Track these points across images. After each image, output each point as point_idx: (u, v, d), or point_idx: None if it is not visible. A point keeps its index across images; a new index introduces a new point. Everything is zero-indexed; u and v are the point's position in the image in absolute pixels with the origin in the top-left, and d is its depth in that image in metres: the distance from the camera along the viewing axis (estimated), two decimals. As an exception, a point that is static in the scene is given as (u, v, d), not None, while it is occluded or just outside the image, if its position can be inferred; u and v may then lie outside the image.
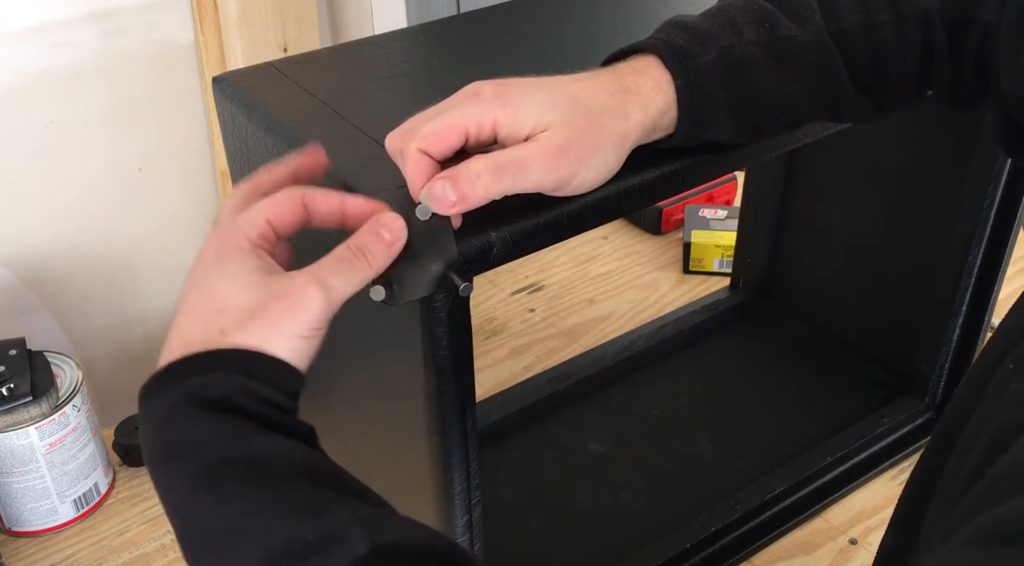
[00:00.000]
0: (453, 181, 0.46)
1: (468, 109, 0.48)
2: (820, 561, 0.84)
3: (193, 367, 0.43)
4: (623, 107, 0.51)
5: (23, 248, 0.97)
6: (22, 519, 0.86)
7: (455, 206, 0.47)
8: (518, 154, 0.48)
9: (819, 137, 0.63)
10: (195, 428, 0.41)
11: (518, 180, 0.48)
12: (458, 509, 0.60)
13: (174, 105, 1.00)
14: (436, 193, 0.47)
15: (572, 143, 0.48)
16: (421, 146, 0.48)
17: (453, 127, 0.48)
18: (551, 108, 0.48)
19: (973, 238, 0.84)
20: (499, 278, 1.20)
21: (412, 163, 0.48)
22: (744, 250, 1.09)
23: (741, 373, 1.02)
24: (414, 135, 0.48)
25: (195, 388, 0.42)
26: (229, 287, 0.44)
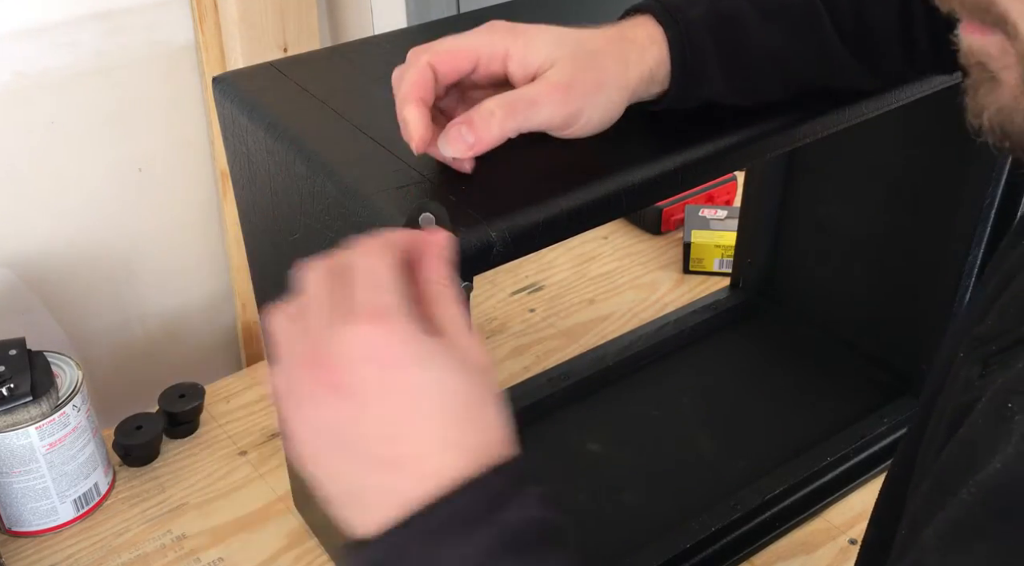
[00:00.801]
0: (468, 123, 0.49)
1: (483, 37, 0.51)
2: (820, 561, 0.84)
3: (487, 496, 0.37)
4: (622, 53, 0.53)
5: (23, 248, 0.97)
6: (22, 519, 0.86)
7: (473, 147, 0.49)
8: (529, 91, 0.50)
9: (819, 137, 0.63)
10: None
11: (530, 115, 0.50)
12: (458, 509, 0.60)
13: (174, 105, 1.00)
14: (453, 135, 0.49)
15: (578, 79, 0.51)
16: (432, 59, 0.50)
17: (466, 49, 0.51)
18: (557, 46, 0.51)
19: (973, 238, 0.84)
20: (499, 278, 1.20)
21: (416, 70, 0.50)
22: (744, 250, 1.09)
23: (741, 373, 1.02)
24: (426, 48, 0.50)
25: (504, 527, 0.36)
26: (456, 380, 0.38)
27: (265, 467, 0.94)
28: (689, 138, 0.58)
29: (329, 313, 0.39)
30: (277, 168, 0.60)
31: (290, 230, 0.61)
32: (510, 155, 0.53)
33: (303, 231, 0.59)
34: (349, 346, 0.37)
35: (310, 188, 0.56)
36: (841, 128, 0.64)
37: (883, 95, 0.65)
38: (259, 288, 0.74)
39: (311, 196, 0.56)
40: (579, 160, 0.56)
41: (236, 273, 1.10)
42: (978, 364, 0.43)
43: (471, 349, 0.39)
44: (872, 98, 0.64)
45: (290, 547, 0.86)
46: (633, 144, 0.58)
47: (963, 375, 0.44)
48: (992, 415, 0.38)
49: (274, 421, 0.98)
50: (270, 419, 0.99)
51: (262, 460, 0.95)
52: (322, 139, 0.57)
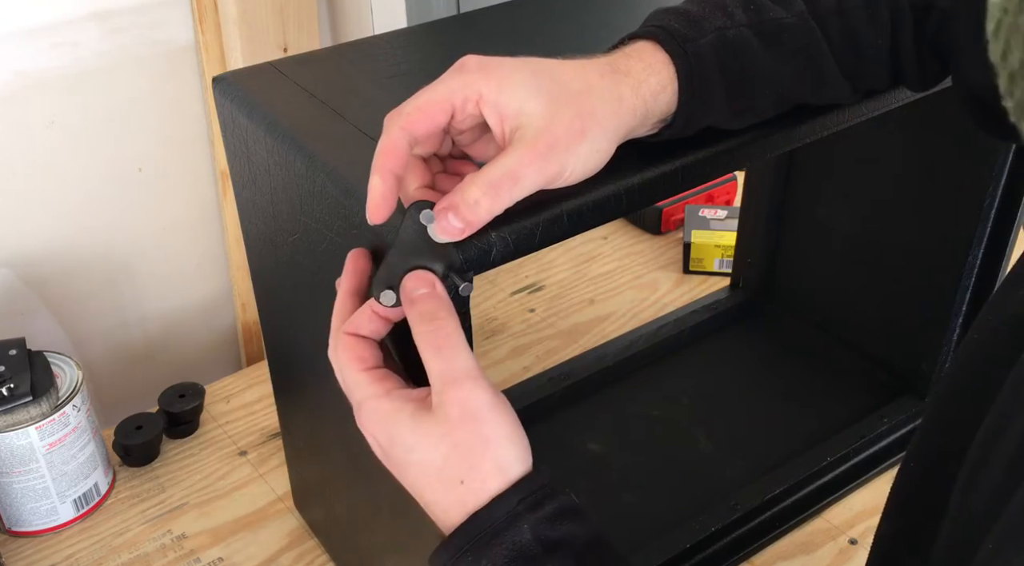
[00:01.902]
0: (455, 211, 0.47)
1: (453, 82, 0.48)
2: (820, 561, 0.84)
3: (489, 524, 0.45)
4: (615, 88, 0.49)
5: (23, 248, 0.97)
6: (22, 519, 0.86)
7: (464, 232, 0.47)
8: (507, 165, 0.46)
9: (819, 137, 0.63)
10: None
11: (514, 192, 0.47)
12: (458, 509, 0.60)
13: (174, 105, 1.00)
14: (443, 225, 0.47)
15: (558, 135, 0.47)
16: (404, 124, 0.47)
17: (438, 102, 0.47)
18: (535, 92, 0.47)
19: (973, 238, 0.84)
20: (499, 278, 1.20)
21: (387, 139, 0.47)
22: (744, 250, 1.09)
23: (741, 373, 1.02)
24: (397, 113, 0.48)
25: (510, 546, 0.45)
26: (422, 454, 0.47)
27: (265, 467, 0.94)
28: (689, 138, 0.58)
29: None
30: (277, 168, 0.60)
31: (290, 230, 0.61)
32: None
33: (303, 231, 0.59)
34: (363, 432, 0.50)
35: (310, 188, 0.56)
36: (841, 128, 0.64)
37: (883, 96, 0.65)
38: (259, 288, 0.74)
39: (311, 196, 0.56)
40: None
41: (236, 273, 1.10)
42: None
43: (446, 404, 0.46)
44: (872, 98, 0.64)
45: (290, 547, 0.86)
46: (633, 144, 0.58)
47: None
48: None
49: (274, 421, 0.98)
50: (270, 419, 0.99)
51: (262, 460, 0.95)
52: (322, 139, 0.57)
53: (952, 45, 0.57)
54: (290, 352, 0.73)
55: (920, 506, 0.56)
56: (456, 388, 0.46)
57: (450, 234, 0.47)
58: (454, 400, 0.46)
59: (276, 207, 0.62)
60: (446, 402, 0.46)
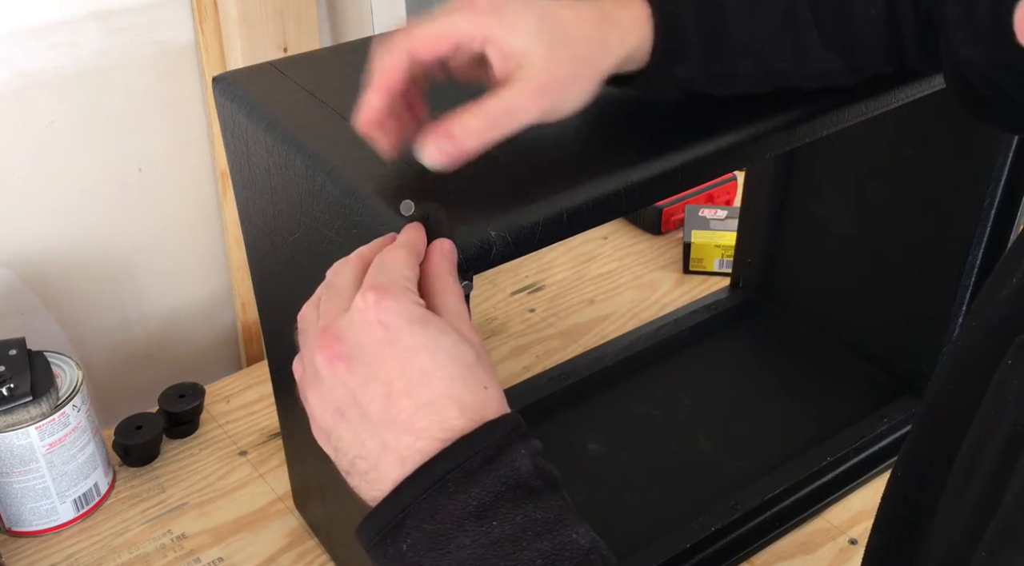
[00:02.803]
0: (448, 136, 0.48)
1: (463, 19, 0.49)
2: (820, 561, 0.84)
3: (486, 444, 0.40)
4: (604, 38, 0.53)
5: (23, 248, 0.97)
6: (22, 519, 0.86)
7: (451, 159, 0.49)
8: (507, 101, 0.49)
9: (819, 137, 0.63)
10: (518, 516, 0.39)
11: (510, 125, 0.49)
12: (458, 509, 0.60)
13: (174, 105, 1.00)
14: (432, 146, 0.48)
15: (554, 77, 0.50)
16: (410, 47, 0.49)
17: (447, 34, 0.49)
18: (537, 37, 0.49)
19: (973, 238, 0.84)
20: (499, 278, 1.20)
21: (391, 58, 0.49)
22: (744, 250, 1.09)
23: (741, 373, 1.02)
24: (405, 34, 0.49)
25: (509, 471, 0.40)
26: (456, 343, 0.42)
27: (265, 467, 0.94)
28: (689, 138, 0.58)
29: (344, 296, 0.43)
30: (277, 168, 0.60)
31: (290, 230, 0.61)
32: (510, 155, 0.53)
33: (303, 231, 0.59)
34: (355, 314, 0.42)
35: (310, 188, 0.56)
36: (841, 128, 0.64)
37: (883, 95, 0.65)
38: (259, 288, 0.74)
39: (311, 196, 0.56)
40: (579, 160, 0.56)
41: (236, 273, 1.10)
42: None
43: (465, 328, 0.43)
44: (872, 98, 0.64)
45: (290, 547, 0.86)
46: (633, 144, 0.58)
47: (1016, 384, 0.43)
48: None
49: (274, 421, 0.98)
50: (270, 419, 0.99)
51: (262, 460, 0.95)
52: (322, 139, 0.57)
53: (943, 21, 0.57)
54: (290, 352, 0.73)
55: (910, 517, 0.56)
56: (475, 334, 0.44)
57: (440, 159, 0.48)
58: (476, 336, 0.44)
59: (276, 207, 0.62)
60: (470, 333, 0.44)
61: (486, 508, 0.39)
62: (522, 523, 0.39)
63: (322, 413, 0.44)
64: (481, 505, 0.39)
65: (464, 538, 0.38)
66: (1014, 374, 0.43)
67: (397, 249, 0.45)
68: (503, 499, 0.39)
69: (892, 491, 0.58)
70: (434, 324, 0.42)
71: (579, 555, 0.40)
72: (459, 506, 0.39)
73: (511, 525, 0.39)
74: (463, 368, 0.41)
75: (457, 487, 0.39)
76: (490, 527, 0.38)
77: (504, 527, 0.38)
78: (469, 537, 0.38)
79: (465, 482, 0.39)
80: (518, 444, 0.41)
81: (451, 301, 0.44)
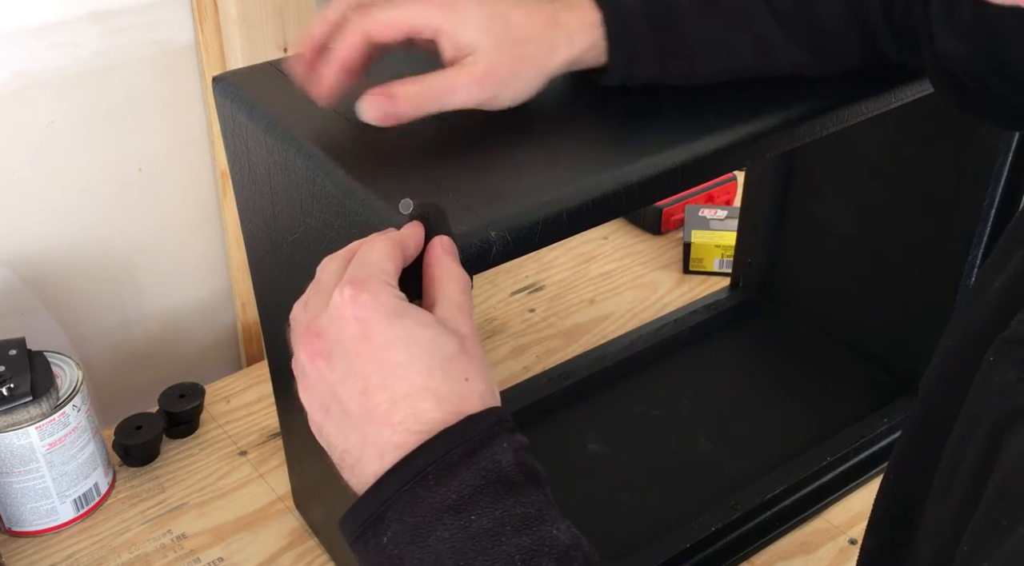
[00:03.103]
0: (389, 97, 0.53)
1: (420, 9, 0.54)
2: (820, 561, 0.84)
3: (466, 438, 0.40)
4: (551, 40, 0.56)
5: (23, 248, 0.97)
6: (22, 519, 0.86)
7: (387, 119, 0.54)
8: (448, 79, 0.54)
9: (819, 137, 0.63)
10: (497, 510, 0.39)
11: (446, 101, 0.54)
12: (458, 509, 0.60)
13: (174, 105, 1.00)
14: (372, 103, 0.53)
15: (496, 70, 0.54)
16: (369, 29, 0.53)
17: (403, 23, 0.54)
18: (486, 31, 0.54)
19: (973, 238, 0.84)
20: (499, 278, 1.20)
21: (352, 42, 0.54)
22: (744, 250, 1.09)
23: (741, 373, 1.02)
24: (364, 14, 0.53)
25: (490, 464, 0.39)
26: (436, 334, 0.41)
27: (265, 467, 0.94)
28: (688, 137, 0.58)
29: (327, 292, 0.43)
30: (277, 168, 0.60)
31: (290, 230, 0.61)
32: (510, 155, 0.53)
33: (303, 231, 0.59)
34: (334, 310, 0.42)
35: (310, 188, 0.56)
36: (841, 128, 0.64)
37: (883, 95, 0.65)
38: (259, 288, 0.74)
39: (311, 196, 0.56)
40: (579, 160, 0.56)
41: (236, 273, 1.10)
42: (1014, 368, 0.43)
43: (457, 319, 0.43)
44: (872, 98, 0.64)
45: (290, 547, 0.86)
46: (633, 143, 0.58)
47: (997, 380, 0.43)
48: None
49: (274, 421, 0.98)
50: (270, 419, 0.99)
51: (262, 460, 0.95)
52: (322, 139, 0.57)
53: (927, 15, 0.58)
54: (290, 352, 0.73)
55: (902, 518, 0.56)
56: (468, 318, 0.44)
57: (373, 115, 0.54)
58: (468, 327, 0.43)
59: (276, 207, 0.62)
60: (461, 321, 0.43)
61: (465, 502, 0.38)
62: (501, 518, 0.38)
63: (311, 410, 0.44)
64: (460, 498, 0.38)
65: (443, 531, 0.38)
66: (995, 371, 0.44)
67: (378, 241, 0.44)
68: (483, 493, 0.39)
69: (884, 493, 0.58)
70: (411, 316, 0.41)
71: (558, 552, 0.39)
72: (439, 499, 0.39)
73: (490, 519, 0.38)
74: (442, 360, 0.41)
75: (437, 480, 0.39)
76: (468, 521, 0.38)
77: (483, 521, 0.38)
78: (448, 530, 0.38)
79: (445, 475, 0.39)
80: (500, 438, 0.40)
81: (450, 290, 0.44)
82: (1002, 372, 0.43)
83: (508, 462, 0.40)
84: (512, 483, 0.39)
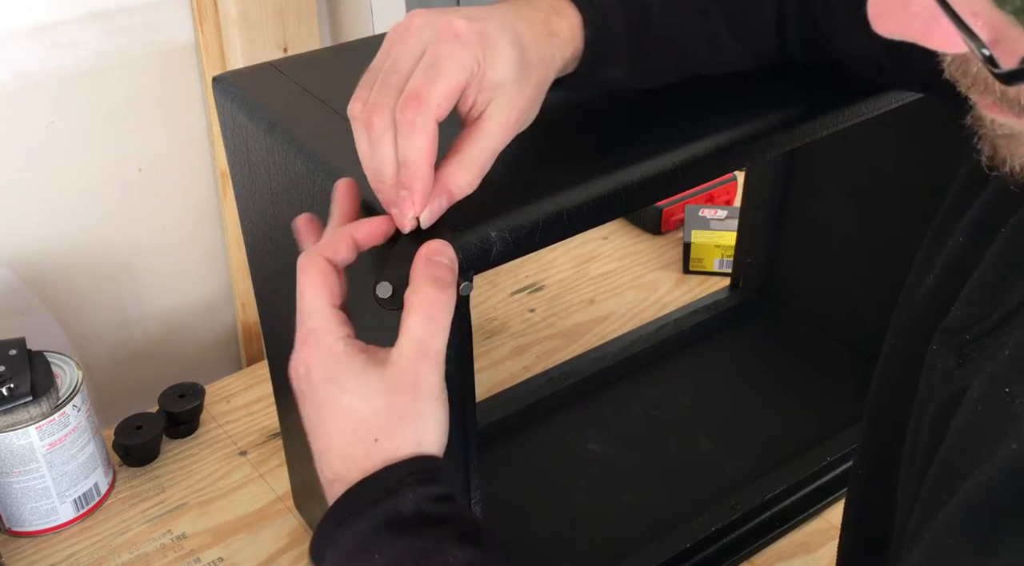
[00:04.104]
0: (448, 196, 0.48)
1: (463, 59, 0.47)
2: (820, 561, 0.84)
3: (378, 487, 0.45)
4: (551, 53, 0.53)
5: (23, 248, 0.97)
6: (22, 519, 0.86)
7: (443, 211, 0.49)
8: (488, 144, 0.49)
9: (819, 137, 0.63)
10: (397, 548, 0.43)
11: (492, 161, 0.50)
12: (458, 509, 0.60)
13: (174, 105, 1.00)
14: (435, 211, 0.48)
15: (524, 108, 0.50)
16: (438, 114, 0.46)
17: (459, 87, 0.47)
18: (513, 67, 0.49)
19: (973, 238, 0.84)
20: (499, 278, 1.20)
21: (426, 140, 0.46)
22: (744, 250, 1.09)
23: (741, 373, 1.02)
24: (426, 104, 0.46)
25: (391, 511, 0.44)
26: (354, 399, 0.46)
27: (265, 467, 0.94)
28: (688, 137, 0.58)
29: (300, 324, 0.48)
30: (277, 168, 0.60)
31: (290, 230, 0.61)
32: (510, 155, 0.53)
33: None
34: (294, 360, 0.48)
35: (310, 188, 0.56)
36: (841, 128, 0.64)
37: (883, 95, 0.65)
38: (259, 288, 0.74)
39: (311, 196, 0.56)
40: (579, 160, 0.56)
41: (236, 273, 1.10)
42: (953, 355, 0.46)
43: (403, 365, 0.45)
44: (872, 98, 0.64)
45: (290, 547, 0.86)
46: (633, 143, 0.58)
47: (940, 367, 0.46)
48: (992, 402, 0.40)
49: (274, 421, 0.98)
50: (270, 419, 0.99)
51: (262, 460, 0.95)
52: (322, 139, 0.57)
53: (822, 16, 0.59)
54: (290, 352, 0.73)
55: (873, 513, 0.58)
56: (423, 360, 0.45)
57: (437, 216, 0.49)
58: (414, 369, 0.45)
59: (276, 207, 0.62)
60: (405, 367, 0.45)
61: (368, 542, 0.44)
62: (401, 554, 0.43)
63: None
64: (364, 539, 0.44)
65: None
66: (939, 358, 0.47)
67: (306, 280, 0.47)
68: (382, 534, 0.44)
69: (850, 492, 0.62)
70: (337, 381, 0.46)
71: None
72: (351, 538, 0.44)
73: (391, 556, 0.43)
74: (356, 423, 0.45)
75: (352, 522, 0.45)
76: (373, 559, 0.44)
77: (385, 558, 0.43)
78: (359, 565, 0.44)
79: (356, 518, 0.45)
80: (407, 489, 0.45)
81: (412, 326, 0.45)
82: (943, 359, 0.46)
83: (409, 510, 0.44)
84: (408, 526, 0.44)
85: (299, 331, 0.48)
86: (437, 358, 0.46)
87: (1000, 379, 0.41)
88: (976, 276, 0.48)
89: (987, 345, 0.44)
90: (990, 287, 0.46)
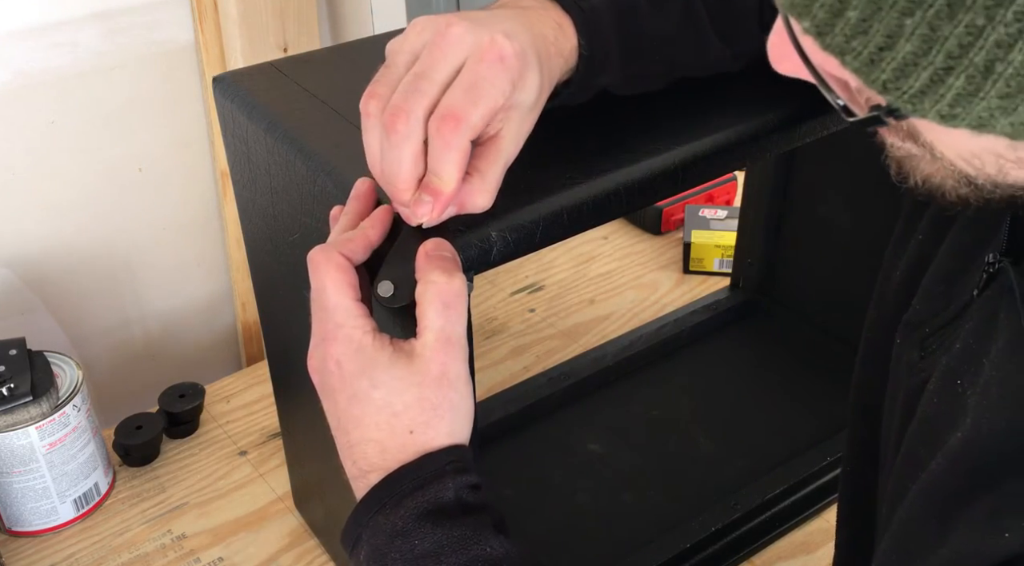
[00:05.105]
0: (462, 210, 0.49)
1: (503, 85, 0.46)
2: (820, 561, 0.84)
3: (418, 476, 0.46)
4: (556, 72, 0.53)
5: (23, 248, 0.97)
6: (22, 519, 0.86)
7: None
8: (504, 161, 0.49)
9: (819, 137, 0.63)
10: (436, 535, 0.45)
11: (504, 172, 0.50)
12: (458, 509, 0.60)
13: (174, 105, 1.00)
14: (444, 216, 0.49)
15: (533, 121, 0.50)
16: (473, 136, 0.46)
17: (496, 110, 0.47)
18: (537, 90, 0.49)
19: (973, 238, 0.84)
20: (499, 278, 1.20)
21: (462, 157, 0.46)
22: (744, 250, 1.09)
23: (741, 373, 1.02)
24: (466, 125, 0.45)
25: (432, 498, 0.45)
26: (386, 394, 0.46)
27: (265, 467, 0.94)
28: (689, 137, 0.58)
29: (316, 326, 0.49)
30: (277, 168, 0.60)
31: (290, 230, 0.61)
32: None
33: (303, 231, 0.59)
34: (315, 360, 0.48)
35: (310, 188, 0.56)
36: (842, 127, 0.64)
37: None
38: (259, 288, 0.74)
39: (311, 196, 0.56)
40: (579, 160, 0.56)
41: (236, 273, 1.10)
42: (916, 347, 0.48)
43: (430, 355, 0.46)
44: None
45: (290, 547, 0.86)
46: (633, 143, 0.58)
47: (905, 359, 0.48)
48: (945, 393, 0.43)
49: (274, 421, 0.98)
50: (270, 419, 0.99)
51: (262, 460, 0.95)
52: (322, 139, 0.57)
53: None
54: (290, 352, 0.73)
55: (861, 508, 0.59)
56: (447, 350, 0.46)
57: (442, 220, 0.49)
58: (439, 359, 0.46)
59: (276, 207, 0.62)
60: (431, 358, 0.46)
61: (409, 529, 0.45)
62: (440, 541, 0.44)
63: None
64: (405, 526, 0.45)
65: (395, 553, 0.45)
66: (903, 350, 0.49)
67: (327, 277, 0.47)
68: (423, 521, 0.45)
69: (841, 488, 0.63)
70: (368, 375, 0.46)
71: (491, 563, 0.45)
72: (391, 525, 0.45)
73: (431, 543, 0.44)
74: (389, 416, 0.46)
75: (392, 510, 0.45)
76: (412, 544, 0.45)
77: (425, 544, 0.44)
78: (399, 552, 0.45)
79: (397, 505, 0.45)
80: (448, 478, 0.46)
81: (430, 316, 0.46)
82: (908, 352, 0.48)
83: (449, 499, 0.45)
84: (449, 514, 0.45)
85: (322, 326, 0.47)
86: (460, 344, 0.46)
87: (952, 371, 0.43)
88: (932, 270, 0.49)
89: (945, 337, 0.46)
90: (945, 281, 0.48)
